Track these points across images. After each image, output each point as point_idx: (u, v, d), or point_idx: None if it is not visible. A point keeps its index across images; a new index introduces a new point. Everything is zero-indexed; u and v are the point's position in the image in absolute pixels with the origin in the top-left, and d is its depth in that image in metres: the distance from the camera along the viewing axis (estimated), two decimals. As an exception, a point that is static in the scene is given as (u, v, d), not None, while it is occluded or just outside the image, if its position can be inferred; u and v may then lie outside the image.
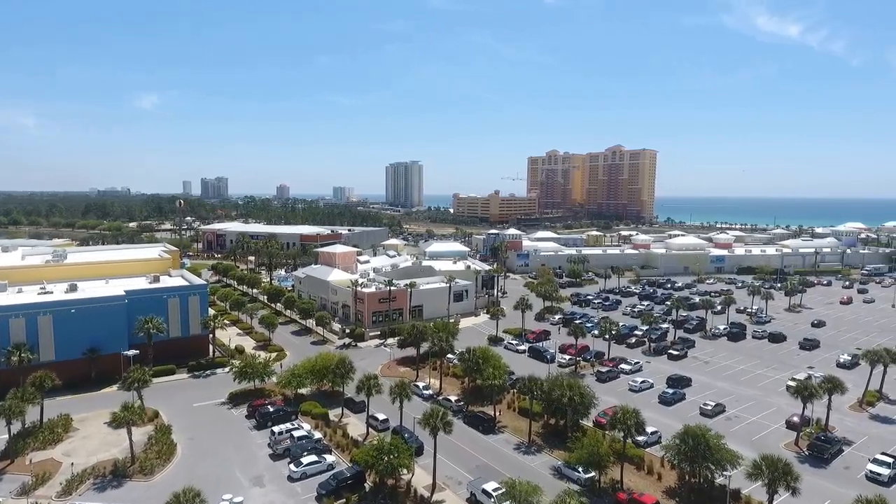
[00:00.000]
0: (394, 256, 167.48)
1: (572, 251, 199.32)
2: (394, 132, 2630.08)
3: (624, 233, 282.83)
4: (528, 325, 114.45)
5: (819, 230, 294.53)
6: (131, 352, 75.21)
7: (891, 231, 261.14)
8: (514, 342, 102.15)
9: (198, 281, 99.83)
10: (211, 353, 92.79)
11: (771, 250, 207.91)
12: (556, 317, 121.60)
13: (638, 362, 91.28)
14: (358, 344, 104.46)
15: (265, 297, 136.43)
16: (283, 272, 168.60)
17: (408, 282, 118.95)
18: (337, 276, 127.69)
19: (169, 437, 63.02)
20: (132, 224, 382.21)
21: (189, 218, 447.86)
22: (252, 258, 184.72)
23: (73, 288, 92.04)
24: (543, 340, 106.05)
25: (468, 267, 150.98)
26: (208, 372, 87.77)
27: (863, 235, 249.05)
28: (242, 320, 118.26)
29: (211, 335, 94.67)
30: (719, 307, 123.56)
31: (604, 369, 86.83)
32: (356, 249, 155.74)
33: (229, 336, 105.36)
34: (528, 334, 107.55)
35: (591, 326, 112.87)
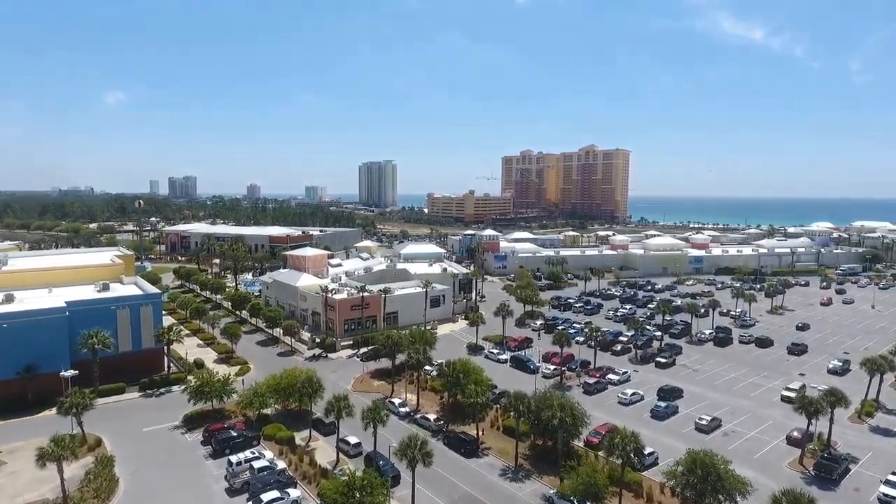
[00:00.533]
0: (367, 259, 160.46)
1: (550, 252, 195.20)
2: (367, 131, 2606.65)
3: (601, 233, 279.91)
4: (508, 331, 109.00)
5: (791, 230, 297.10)
6: (69, 373, 66.97)
7: (860, 231, 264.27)
8: (494, 351, 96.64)
9: (151, 289, 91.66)
10: (166, 369, 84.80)
11: (747, 250, 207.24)
12: (538, 322, 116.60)
13: (626, 372, 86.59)
14: (329, 355, 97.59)
15: (230, 303, 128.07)
16: (249, 276, 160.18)
17: (382, 287, 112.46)
18: (306, 281, 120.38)
19: (110, 471, 55.47)
20: (92, 225, 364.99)
21: (154, 218, 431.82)
22: (218, 261, 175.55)
23: (9, 298, 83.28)
24: (526, 348, 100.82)
25: (444, 270, 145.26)
26: (162, 390, 79.91)
27: (834, 235, 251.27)
28: (204, 329, 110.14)
29: (166, 348, 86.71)
30: (703, 310, 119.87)
31: (591, 380, 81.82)
32: (327, 252, 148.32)
33: (187, 349, 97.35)
34: (510, 342, 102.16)
35: (575, 332, 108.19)
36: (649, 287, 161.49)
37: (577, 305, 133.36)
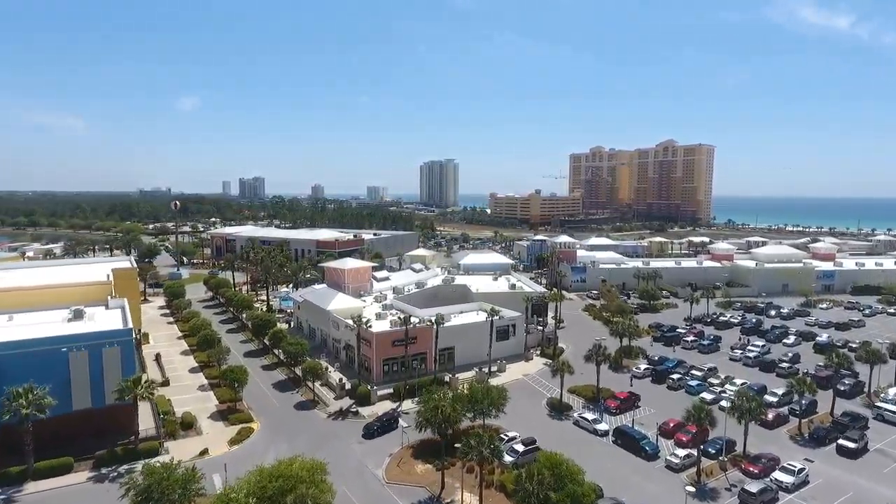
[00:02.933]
0: (420, 271, 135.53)
1: (638, 263, 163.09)
2: (429, 131, 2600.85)
3: (695, 239, 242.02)
4: (601, 377, 79.93)
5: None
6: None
7: None
8: (588, 417, 68.11)
9: (129, 320, 69.57)
10: (137, 432, 62.27)
11: (889, 263, 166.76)
12: (642, 367, 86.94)
13: (803, 469, 56.12)
14: (360, 410, 72.55)
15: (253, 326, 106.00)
16: (286, 289, 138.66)
17: (434, 314, 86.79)
18: (341, 302, 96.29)
19: None
20: (150, 226, 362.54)
21: (214, 219, 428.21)
22: (255, 269, 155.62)
23: (-57, 333, 63.38)
24: (633, 408, 72.14)
25: (513, 286, 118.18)
26: (125, 468, 57.28)
27: None
28: (216, 365, 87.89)
29: (151, 403, 64.40)
30: (885, 355, 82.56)
31: (753, 487, 52.16)
32: (371, 264, 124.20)
33: (184, 393, 75.50)
34: (609, 401, 73.40)
35: (698, 386, 78.66)
36: (773, 312, 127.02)
37: (689, 340, 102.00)
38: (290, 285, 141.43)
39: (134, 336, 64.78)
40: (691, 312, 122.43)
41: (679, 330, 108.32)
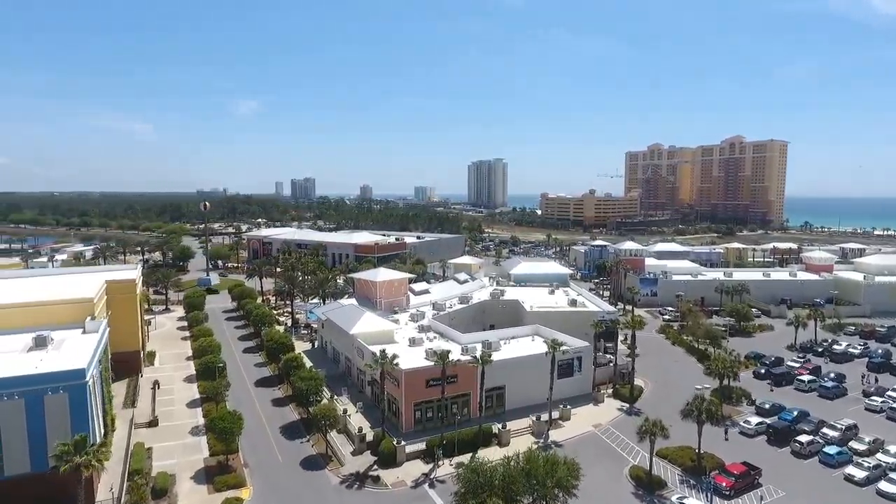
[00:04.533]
0: (465, 282, 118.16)
1: (719, 275, 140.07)
2: (479, 131, 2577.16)
3: (781, 245, 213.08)
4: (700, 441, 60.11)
5: None
6: None
7: None
8: (691, 502, 48.79)
9: (87, 353, 54.99)
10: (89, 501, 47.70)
11: None
12: (753, 420, 66.35)
13: None
14: (381, 476, 55.71)
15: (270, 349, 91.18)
16: (316, 300, 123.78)
17: (479, 342, 69.22)
18: (367, 325, 79.61)
19: None
20: (198, 226, 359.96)
21: (261, 220, 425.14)
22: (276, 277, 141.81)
23: None
24: (752, 488, 52.44)
25: (573, 302, 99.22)
26: (60, 561, 42.66)
27: None
28: (219, 397, 73.23)
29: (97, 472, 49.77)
30: None
31: None
32: (408, 276, 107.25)
33: (172, 438, 60.89)
34: (718, 476, 53.70)
35: (839, 454, 57.86)
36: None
37: (804, 380, 79.94)
38: (319, 297, 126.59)
39: (88, 378, 50.06)
40: (796, 339, 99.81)
41: (788, 363, 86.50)
